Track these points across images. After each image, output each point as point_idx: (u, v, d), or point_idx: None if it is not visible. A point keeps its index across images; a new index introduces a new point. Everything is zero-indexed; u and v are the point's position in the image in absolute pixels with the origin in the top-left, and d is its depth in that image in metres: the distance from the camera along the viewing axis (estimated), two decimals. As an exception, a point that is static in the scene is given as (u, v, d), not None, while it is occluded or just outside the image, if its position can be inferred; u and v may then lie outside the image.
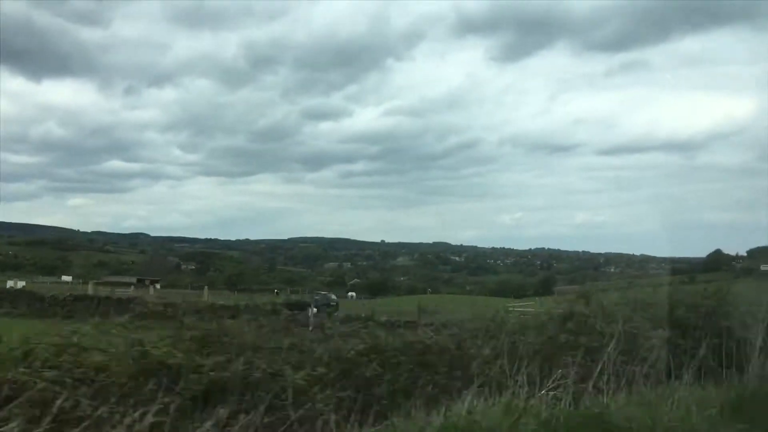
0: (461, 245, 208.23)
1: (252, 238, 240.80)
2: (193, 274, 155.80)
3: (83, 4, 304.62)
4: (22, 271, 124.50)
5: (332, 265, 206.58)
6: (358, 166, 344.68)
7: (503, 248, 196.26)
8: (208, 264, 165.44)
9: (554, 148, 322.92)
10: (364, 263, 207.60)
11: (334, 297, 40.86)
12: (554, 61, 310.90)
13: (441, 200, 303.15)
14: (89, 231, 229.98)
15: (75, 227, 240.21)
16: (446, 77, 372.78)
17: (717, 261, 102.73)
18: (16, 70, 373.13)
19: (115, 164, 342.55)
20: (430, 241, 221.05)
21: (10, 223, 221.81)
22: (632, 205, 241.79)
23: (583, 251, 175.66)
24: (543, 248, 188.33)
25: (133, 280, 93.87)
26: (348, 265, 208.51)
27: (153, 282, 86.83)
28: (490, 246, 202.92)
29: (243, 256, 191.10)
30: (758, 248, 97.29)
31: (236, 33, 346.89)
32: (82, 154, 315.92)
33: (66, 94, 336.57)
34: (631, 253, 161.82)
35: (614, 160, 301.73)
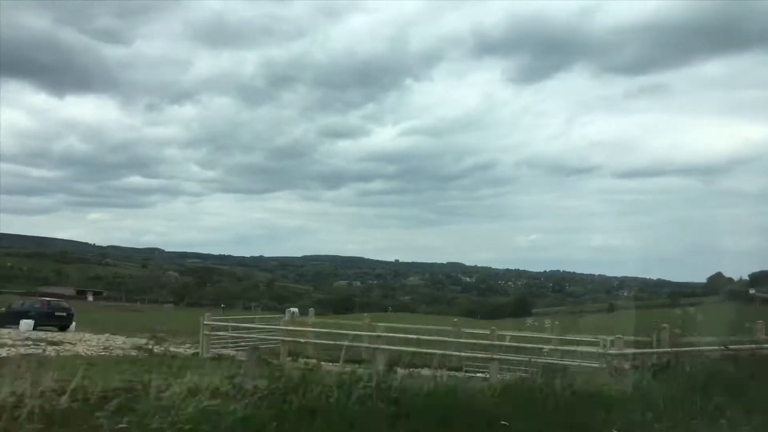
0: (475, 266, 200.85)
1: (266, 255, 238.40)
2: (193, 289, 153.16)
3: (107, 22, 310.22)
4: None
5: (342, 283, 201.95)
6: (375, 185, 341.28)
7: (517, 270, 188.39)
8: (206, 279, 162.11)
9: (571, 170, 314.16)
10: (374, 282, 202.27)
11: (65, 305, 33.91)
12: (573, 83, 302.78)
13: (457, 221, 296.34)
14: (105, 245, 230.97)
15: (93, 241, 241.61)
16: (464, 98, 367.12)
17: (715, 284, 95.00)
18: (40, 86, 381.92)
19: (135, 180, 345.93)
20: (444, 261, 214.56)
21: (29, 236, 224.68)
22: (650, 229, 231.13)
23: (599, 274, 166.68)
24: (558, 270, 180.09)
25: (72, 291, 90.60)
26: (357, 283, 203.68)
27: (96, 294, 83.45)
28: (505, 267, 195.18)
29: (244, 273, 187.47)
30: (760, 272, 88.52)
31: (255, 52, 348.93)
32: (102, 170, 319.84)
33: (88, 110, 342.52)
34: (646, 276, 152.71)
35: (632, 183, 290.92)
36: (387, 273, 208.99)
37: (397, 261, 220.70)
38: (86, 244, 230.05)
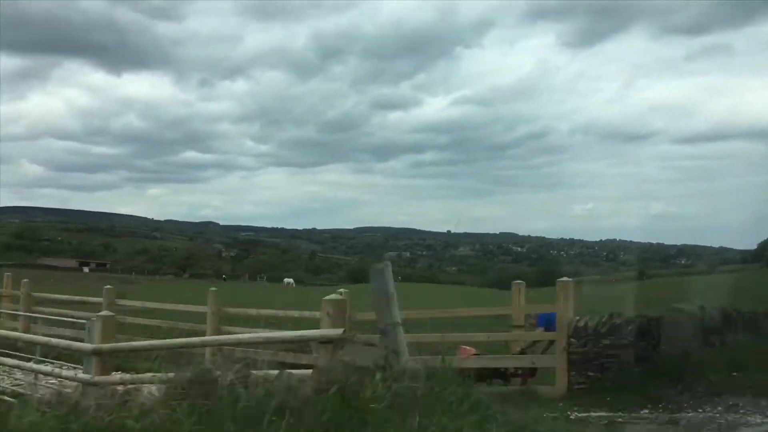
0: (528, 236, 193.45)
1: (319, 227, 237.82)
2: (233, 262, 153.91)
3: (160, 1, 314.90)
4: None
5: (392, 254, 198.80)
6: (427, 156, 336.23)
7: (571, 239, 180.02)
8: (249, 252, 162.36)
9: (629, 136, 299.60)
10: (424, 253, 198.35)
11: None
12: (630, 46, 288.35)
13: (510, 190, 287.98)
14: (162, 220, 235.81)
15: (152, 216, 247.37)
16: (516, 65, 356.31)
17: (763, 251, 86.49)
18: (98, 65, 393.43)
19: (191, 155, 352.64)
20: (497, 232, 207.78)
21: (92, 212, 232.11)
22: (712, 196, 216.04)
23: (657, 243, 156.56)
24: (614, 239, 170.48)
25: (74, 263, 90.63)
26: (407, 254, 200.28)
27: (100, 265, 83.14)
28: (559, 237, 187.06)
29: (290, 245, 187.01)
30: (814, 237, 79.96)
31: (305, 25, 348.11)
32: (159, 146, 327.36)
33: (144, 88, 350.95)
34: (707, 245, 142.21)
35: (693, 148, 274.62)
36: (437, 244, 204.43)
37: (449, 232, 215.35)
38: (144, 218, 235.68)
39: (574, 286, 10.56)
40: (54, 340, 8.18)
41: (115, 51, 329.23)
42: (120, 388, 5.37)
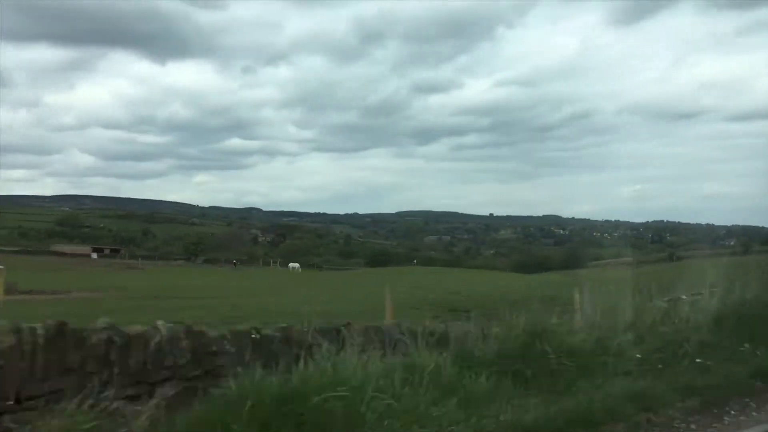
0: (572, 218, 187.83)
1: (361, 212, 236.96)
2: (268, 247, 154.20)
3: None
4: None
5: (432, 238, 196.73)
6: (469, 139, 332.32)
7: (617, 221, 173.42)
8: (285, 237, 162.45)
9: (678, 115, 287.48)
10: (465, 237, 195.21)
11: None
12: (678, 22, 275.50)
13: (554, 173, 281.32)
14: (206, 206, 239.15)
15: (197, 203, 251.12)
16: (560, 44, 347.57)
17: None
18: (143, 54, 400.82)
19: (235, 142, 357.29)
20: (540, 215, 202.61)
21: (140, 199, 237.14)
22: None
23: (707, 224, 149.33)
24: (662, 221, 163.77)
25: (88, 249, 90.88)
26: (448, 238, 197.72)
27: (114, 251, 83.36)
28: (604, 219, 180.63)
29: (327, 230, 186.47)
30: None
31: (346, 9, 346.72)
32: (204, 134, 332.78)
33: (188, 76, 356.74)
34: (761, 225, 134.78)
35: (747, 126, 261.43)
36: (478, 227, 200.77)
37: (491, 215, 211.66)
38: (190, 205, 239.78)
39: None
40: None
41: (159, 40, 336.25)
42: None
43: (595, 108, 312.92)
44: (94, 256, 78.95)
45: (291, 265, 69.77)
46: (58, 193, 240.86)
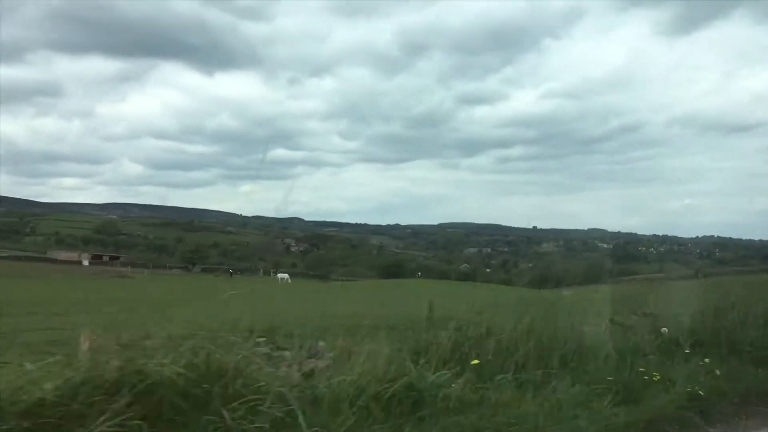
0: (618, 232, 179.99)
1: (402, 223, 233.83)
2: (300, 256, 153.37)
3: (250, 1, 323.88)
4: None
5: (472, 250, 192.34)
6: (515, 151, 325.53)
7: (665, 236, 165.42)
8: (318, 247, 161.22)
9: (731, 128, 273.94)
10: (506, 249, 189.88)
11: None
12: (731, 33, 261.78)
13: (600, 186, 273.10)
14: (250, 215, 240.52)
15: (242, 212, 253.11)
16: (608, 56, 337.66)
17: None
18: (191, 66, 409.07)
19: (280, 152, 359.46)
20: (585, 228, 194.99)
21: (187, 208, 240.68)
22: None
23: (760, 240, 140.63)
24: (711, 236, 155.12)
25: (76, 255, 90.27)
26: (488, 250, 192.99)
27: (113, 258, 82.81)
28: (651, 233, 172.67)
29: (362, 240, 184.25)
30: None
31: (391, 20, 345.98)
32: (250, 144, 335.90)
33: (235, 87, 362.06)
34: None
35: None
36: (519, 240, 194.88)
37: (534, 228, 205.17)
38: (233, 214, 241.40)
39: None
40: None
41: (207, 52, 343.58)
42: None
43: (644, 120, 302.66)
44: (86, 263, 78.86)
45: (279, 275, 67.24)
46: (108, 201, 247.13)
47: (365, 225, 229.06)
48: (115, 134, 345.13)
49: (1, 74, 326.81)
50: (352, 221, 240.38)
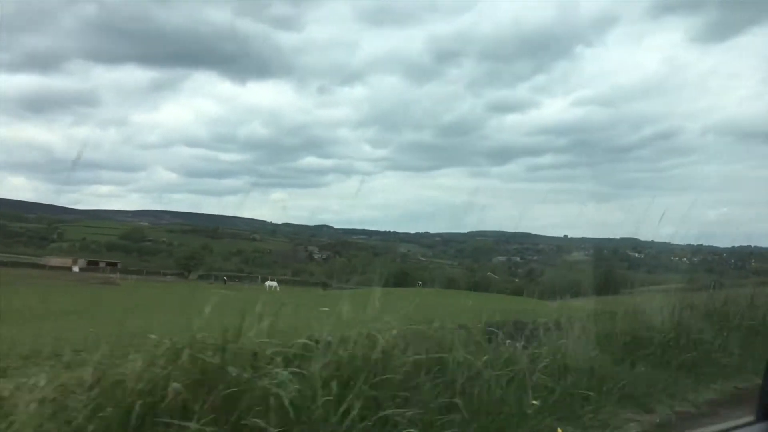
0: (651, 241, 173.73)
1: (431, 231, 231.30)
2: (323, 264, 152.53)
3: (281, 10, 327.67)
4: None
5: (501, 259, 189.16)
6: (546, 159, 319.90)
7: (699, 245, 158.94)
8: (341, 254, 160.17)
9: None
10: (535, 258, 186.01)
11: None
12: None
13: (634, 194, 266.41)
14: (279, 223, 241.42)
15: (272, 220, 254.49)
16: (641, 63, 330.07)
17: None
18: (224, 75, 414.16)
19: (311, 161, 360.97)
20: (618, 237, 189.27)
21: (218, 215, 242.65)
22: None
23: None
24: (748, 246, 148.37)
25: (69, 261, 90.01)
26: (517, 259, 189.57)
27: (110, 264, 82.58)
28: (686, 243, 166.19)
29: (385, 247, 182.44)
30: None
31: (422, 29, 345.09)
32: (281, 152, 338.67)
33: (267, 96, 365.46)
34: None
35: None
36: (549, 249, 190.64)
37: (565, 236, 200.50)
38: (263, 221, 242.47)
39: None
40: None
41: (240, 61, 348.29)
42: None
43: (678, 128, 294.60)
44: (76, 269, 78.87)
45: (267, 283, 65.76)
46: (141, 209, 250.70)
47: (394, 233, 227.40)
48: (150, 142, 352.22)
49: (40, 84, 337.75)
50: (382, 229, 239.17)
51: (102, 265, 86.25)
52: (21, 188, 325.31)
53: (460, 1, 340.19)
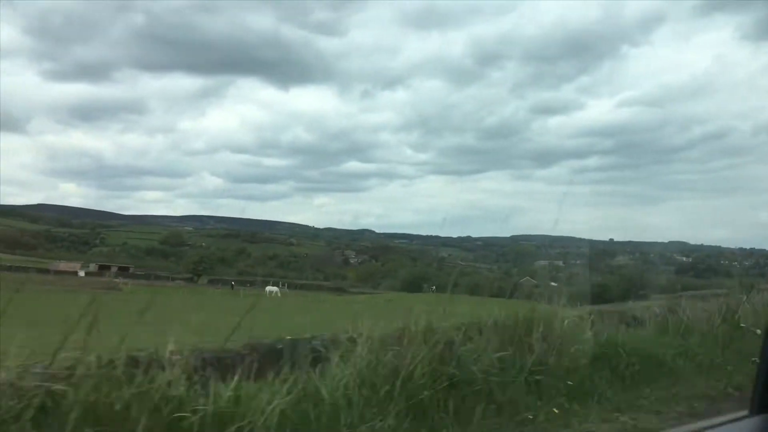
0: (701, 245, 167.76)
1: (474, 235, 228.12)
2: (359, 268, 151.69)
3: (323, 16, 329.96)
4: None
5: (543, 263, 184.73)
6: (591, 162, 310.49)
7: (752, 249, 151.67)
8: (377, 259, 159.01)
9: None
10: (578, 262, 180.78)
11: None
12: None
13: (682, 196, 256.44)
14: (321, 227, 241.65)
15: (314, 224, 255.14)
16: (690, 62, 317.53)
17: None
18: (267, 81, 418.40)
19: (353, 165, 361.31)
20: (666, 240, 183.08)
21: (262, 220, 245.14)
22: None
23: None
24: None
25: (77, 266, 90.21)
26: (559, 263, 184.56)
27: (122, 269, 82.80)
28: (738, 246, 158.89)
29: (423, 252, 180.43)
30: None
31: (464, 31, 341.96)
32: (324, 157, 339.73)
33: (310, 101, 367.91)
34: None
35: None
36: (593, 252, 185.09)
37: (611, 240, 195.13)
38: (306, 226, 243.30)
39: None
40: None
41: (282, 67, 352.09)
42: None
43: (729, 128, 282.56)
44: (81, 273, 79.28)
45: (268, 288, 64.02)
46: (187, 214, 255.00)
47: (436, 237, 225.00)
48: (196, 149, 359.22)
49: (89, 92, 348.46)
50: (424, 233, 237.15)
51: (114, 269, 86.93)
52: (72, 194, 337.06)
53: (503, 2, 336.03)
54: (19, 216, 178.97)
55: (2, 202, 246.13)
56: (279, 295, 59.51)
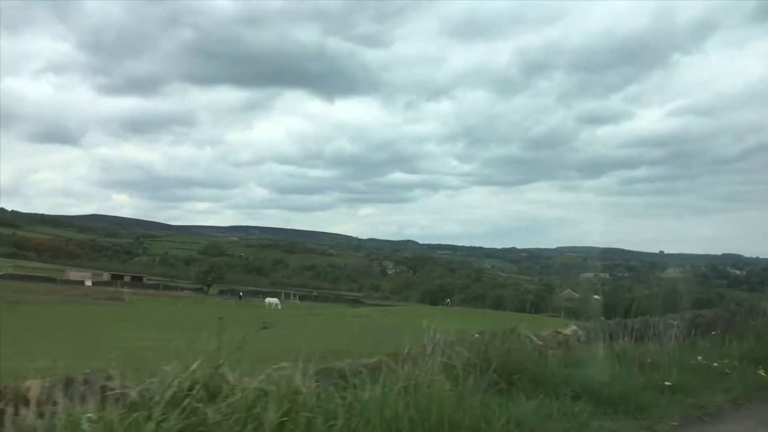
0: (756, 258, 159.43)
1: (519, 246, 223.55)
2: (396, 280, 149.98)
3: (368, 28, 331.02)
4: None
5: (588, 275, 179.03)
6: (640, 172, 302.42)
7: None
8: (415, 270, 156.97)
9: None
10: (626, 275, 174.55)
11: None
12: None
13: (736, 208, 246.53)
14: (364, 238, 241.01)
15: (358, 235, 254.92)
16: (743, 69, 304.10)
17: None
18: (313, 93, 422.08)
19: (398, 176, 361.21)
20: (719, 253, 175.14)
21: (307, 230, 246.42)
22: None
23: None
24: None
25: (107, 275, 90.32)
26: (606, 275, 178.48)
27: (135, 278, 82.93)
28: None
29: (464, 263, 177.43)
30: None
31: (508, 41, 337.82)
32: (369, 168, 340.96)
33: (354, 112, 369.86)
34: None
35: None
36: (642, 265, 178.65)
37: (661, 252, 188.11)
38: (349, 237, 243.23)
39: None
40: None
41: (328, 79, 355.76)
42: None
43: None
44: (88, 283, 79.61)
45: (267, 300, 62.63)
46: (233, 224, 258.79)
47: (480, 248, 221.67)
48: (243, 160, 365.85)
49: (141, 106, 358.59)
50: (468, 244, 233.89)
51: (127, 279, 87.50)
52: (124, 205, 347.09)
53: (549, 11, 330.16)
54: (68, 226, 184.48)
55: (57, 213, 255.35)
56: (279, 307, 58.46)
